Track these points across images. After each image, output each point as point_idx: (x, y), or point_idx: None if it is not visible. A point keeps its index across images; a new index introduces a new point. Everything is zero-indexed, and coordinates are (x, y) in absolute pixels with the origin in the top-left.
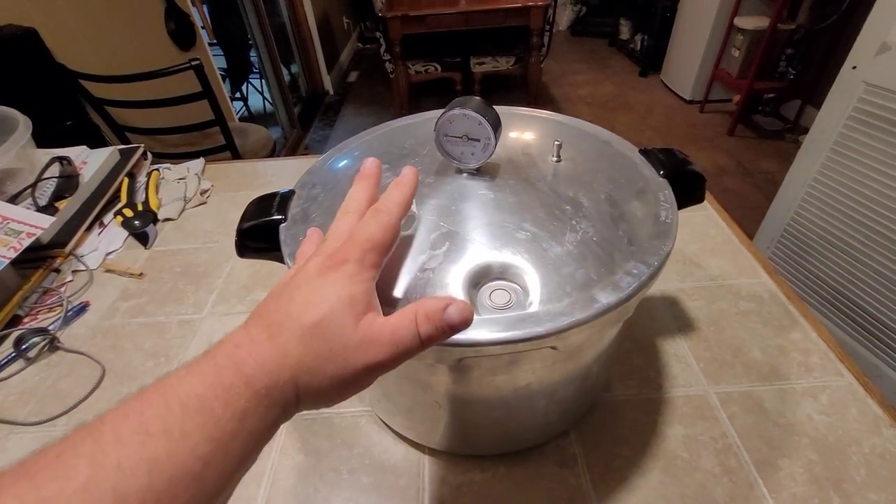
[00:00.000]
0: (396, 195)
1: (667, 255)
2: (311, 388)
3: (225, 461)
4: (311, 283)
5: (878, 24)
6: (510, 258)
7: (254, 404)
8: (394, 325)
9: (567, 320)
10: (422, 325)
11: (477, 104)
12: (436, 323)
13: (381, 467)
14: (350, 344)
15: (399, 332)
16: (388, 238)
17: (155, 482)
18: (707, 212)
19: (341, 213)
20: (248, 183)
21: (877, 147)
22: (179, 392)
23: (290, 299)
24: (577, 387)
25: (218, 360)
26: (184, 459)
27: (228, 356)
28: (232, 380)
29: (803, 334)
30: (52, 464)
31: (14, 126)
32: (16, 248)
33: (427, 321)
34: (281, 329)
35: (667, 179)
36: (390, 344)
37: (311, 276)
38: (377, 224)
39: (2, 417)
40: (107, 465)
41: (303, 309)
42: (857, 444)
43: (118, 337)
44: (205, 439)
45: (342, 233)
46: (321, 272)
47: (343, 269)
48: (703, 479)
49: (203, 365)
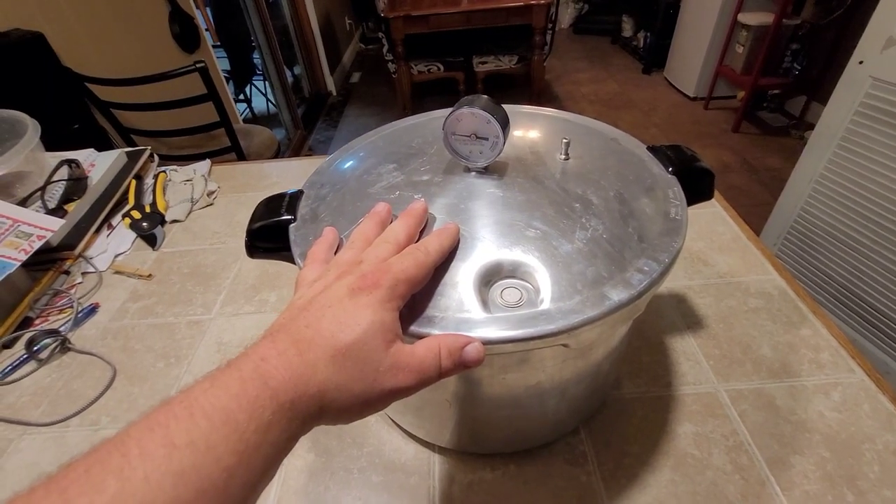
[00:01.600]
0: (437, 243)
1: (677, 251)
2: (335, 405)
3: (249, 472)
4: (343, 304)
5: (884, 19)
6: (521, 256)
7: (278, 417)
8: (421, 356)
9: (579, 318)
10: (444, 359)
11: (485, 102)
12: (455, 360)
13: (392, 466)
14: (381, 368)
15: (425, 362)
16: (421, 276)
17: (181, 494)
18: (714, 209)
19: (379, 241)
20: (253, 184)
21: (884, 142)
22: (204, 404)
23: (320, 317)
24: (588, 384)
25: (243, 373)
26: (209, 471)
27: (254, 369)
28: (257, 392)
29: (813, 331)
30: (81, 478)
31: (23, 130)
32: (26, 251)
33: (449, 357)
34: (310, 346)
35: (675, 176)
36: (417, 372)
37: (342, 296)
38: (414, 260)
39: (15, 418)
40: (134, 478)
41: (336, 328)
42: (871, 441)
43: (128, 338)
44: (230, 451)
45: (378, 259)
46: (353, 293)
47: (375, 293)
48: (714, 477)
49: (228, 377)
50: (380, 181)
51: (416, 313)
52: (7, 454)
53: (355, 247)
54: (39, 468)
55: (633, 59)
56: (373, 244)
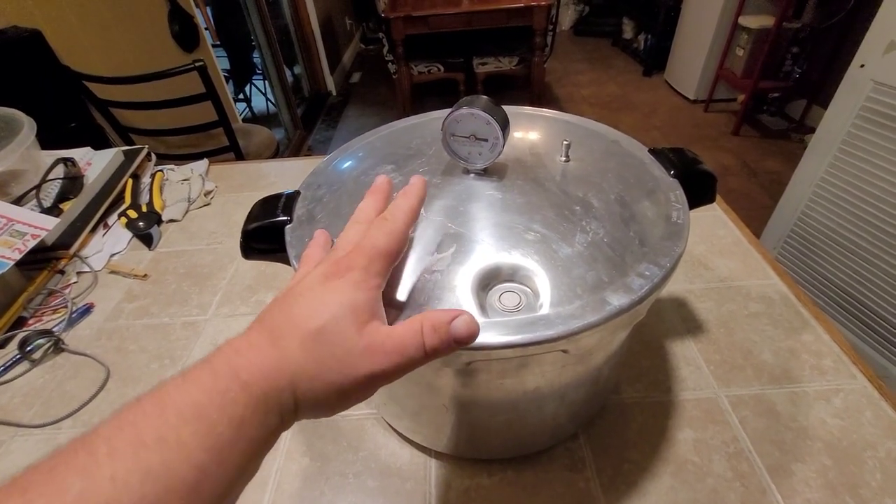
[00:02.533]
0: (403, 204)
1: (679, 256)
2: (310, 395)
3: (222, 469)
4: (314, 290)
5: (885, 23)
6: (520, 260)
7: (251, 411)
8: (399, 335)
9: (578, 323)
10: (427, 336)
11: (485, 103)
12: (441, 335)
13: (388, 471)
14: (353, 351)
15: (404, 342)
16: (394, 246)
17: (148, 493)
18: (715, 212)
19: (350, 224)
20: (251, 184)
21: (885, 146)
22: (176, 399)
23: (292, 305)
24: (587, 390)
25: (215, 367)
26: (179, 468)
27: (226, 362)
28: (228, 385)
29: (815, 336)
30: (44, 478)
31: (19, 127)
32: (20, 250)
33: (433, 333)
34: (282, 334)
35: (677, 179)
36: (395, 353)
37: (314, 284)
38: (382, 232)
39: (7, 419)
40: (99, 477)
41: (305, 315)
42: (873, 449)
43: (123, 338)
44: (201, 447)
45: (349, 242)
46: (325, 279)
47: (348, 276)
48: (714, 485)
49: (200, 371)
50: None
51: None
52: None
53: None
54: None
55: (634, 62)
56: (346, 227)
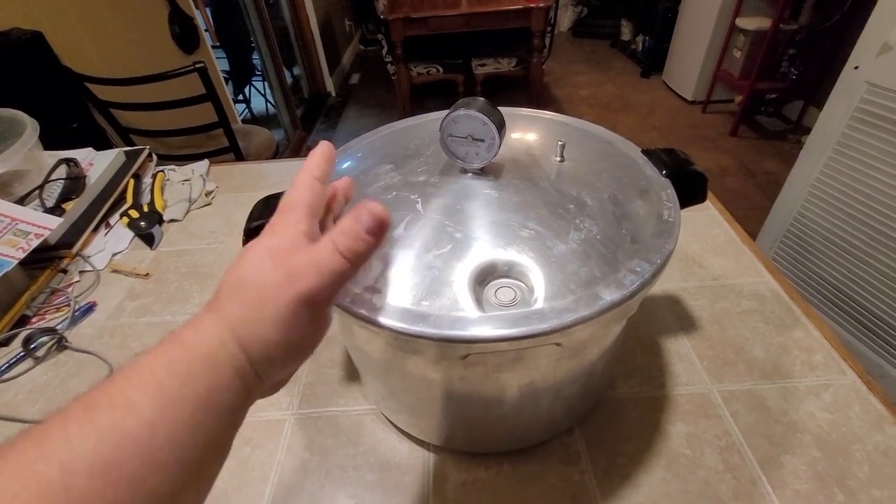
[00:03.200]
0: (307, 161)
1: (670, 253)
2: (253, 338)
3: (176, 427)
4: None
5: (879, 25)
6: (515, 256)
7: (198, 366)
8: (312, 251)
9: (572, 317)
10: (339, 240)
11: (481, 105)
12: (353, 234)
13: (387, 464)
14: (273, 282)
15: (319, 255)
16: (305, 194)
17: (102, 450)
18: (709, 212)
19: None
20: (252, 184)
21: (879, 147)
22: (124, 370)
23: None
24: (582, 384)
25: (163, 341)
26: (129, 426)
27: (172, 336)
28: (173, 350)
29: (806, 333)
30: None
31: (22, 128)
32: (24, 249)
33: (342, 235)
34: (215, 299)
35: (669, 179)
36: (313, 267)
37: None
38: (293, 188)
39: (11, 416)
40: (53, 441)
41: (227, 275)
42: (861, 442)
43: (125, 336)
44: (149, 403)
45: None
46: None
47: (266, 231)
48: (706, 477)
49: (149, 348)
50: (377, 181)
51: (410, 310)
52: None
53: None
54: None
55: (632, 63)
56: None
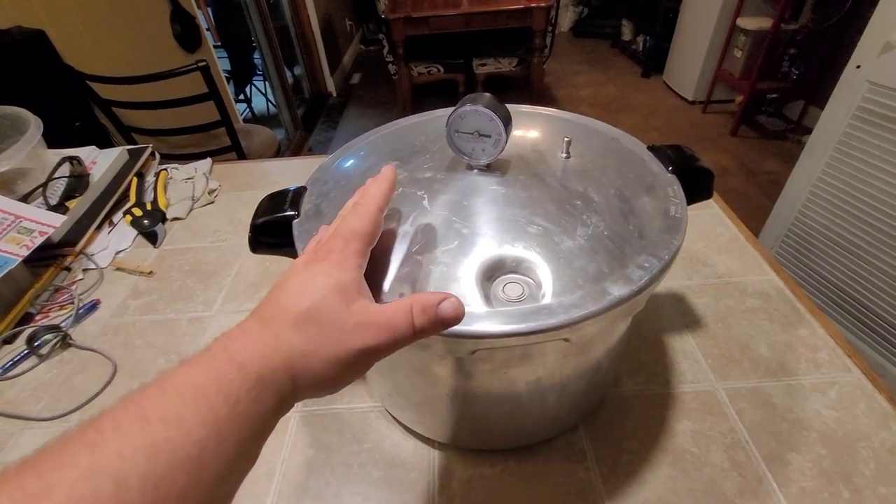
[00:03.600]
0: (373, 189)
1: (677, 248)
2: (307, 372)
3: (221, 445)
4: (298, 276)
5: (881, 24)
6: (523, 252)
7: (246, 388)
8: (390, 313)
9: (580, 312)
10: (417, 316)
11: (488, 100)
12: (430, 316)
13: (392, 462)
14: (345, 327)
15: (395, 319)
16: (368, 226)
17: (153, 466)
18: (713, 210)
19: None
20: (254, 183)
21: (881, 146)
22: (175, 381)
23: (279, 292)
24: (588, 381)
25: (212, 352)
26: (181, 443)
27: (221, 348)
28: (224, 367)
29: (811, 330)
30: (54, 455)
31: (25, 126)
32: (28, 247)
33: (422, 313)
34: (273, 319)
35: (675, 175)
36: (386, 329)
37: (298, 270)
38: (356, 215)
39: (16, 413)
40: (107, 452)
41: (293, 299)
42: (866, 439)
43: (129, 334)
44: (200, 423)
45: (329, 231)
46: (307, 265)
47: (328, 259)
48: (712, 474)
49: (198, 358)
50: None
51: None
52: (7, 449)
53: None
54: None
55: (633, 63)
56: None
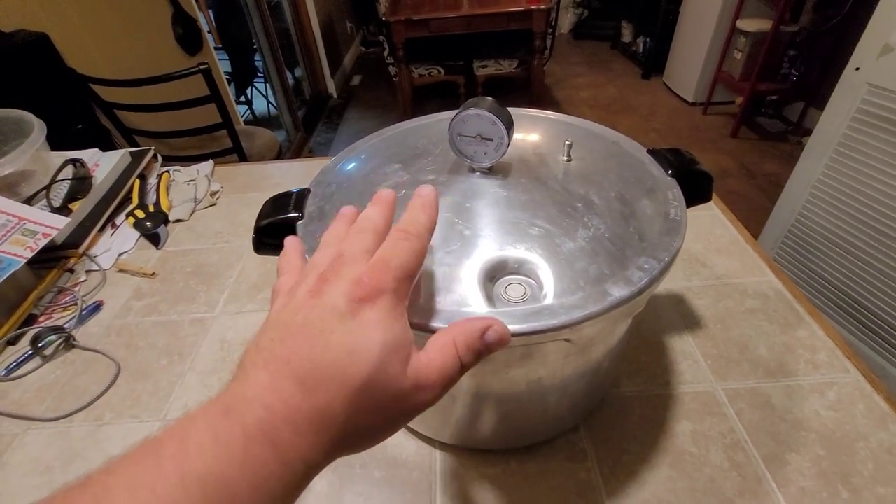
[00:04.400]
0: (425, 219)
1: (677, 250)
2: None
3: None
4: (346, 324)
5: (880, 26)
6: (524, 253)
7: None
8: (440, 364)
9: (581, 313)
10: (464, 355)
11: (490, 104)
12: (476, 350)
13: (393, 462)
14: (401, 394)
15: (446, 368)
16: (418, 266)
17: None
18: (713, 212)
19: (354, 231)
20: (256, 184)
21: (881, 148)
22: (199, 467)
23: (323, 347)
24: (588, 381)
25: (248, 429)
26: None
27: (258, 423)
28: (264, 458)
29: (810, 332)
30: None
31: (29, 129)
32: (32, 249)
33: (468, 350)
34: (318, 386)
35: (675, 178)
36: (441, 384)
37: (342, 313)
38: (409, 250)
39: (20, 413)
40: None
41: (346, 360)
42: (865, 440)
43: (132, 335)
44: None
45: (360, 253)
46: (354, 308)
47: (380, 302)
48: (711, 474)
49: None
50: (385, 180)
51: (423, 305)
52: (12, 449)
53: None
54: (44, 463)
55: (633, 65)
56: (349, 234)
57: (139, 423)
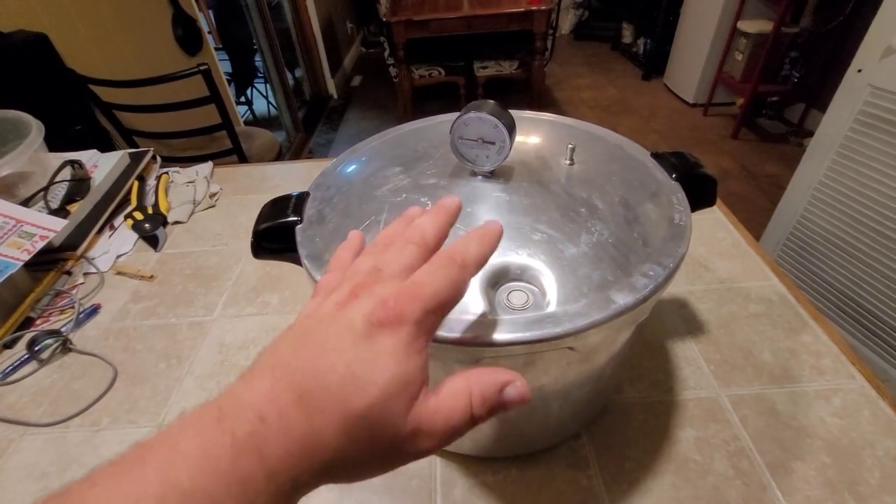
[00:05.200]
0: (477, 250)
1: (682, 256)
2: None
3: None
4: (358, 347)
5: (883, 28)
6: (527, 259)
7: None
8: (447, 411)
9: (585, 321)
10: (477, 408)
11: (492, 107)
12: (491, 405)
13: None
14: (398, 437)
15: (453, 419)
16: (455, 299)
17: None
18: (715, 215)
19: (403, 243)
20: (255, 186)
21: (883, 150)
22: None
23: (330, 366)
24: (591, 388)
25: (236, 437)
26: None
27: (249, 434)
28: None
29: (814, 337)
30: None
31: (27, 130)
32: (29, 251)
33: (483, 405)
34: (317, 406)
35: (679, 182)
36: (444, 435)
37: (357, 333)
38: (449, 279)
39: (16, 418)
40: None
41: (350, 385)
42: (871, 447)
43: (130, 339)
44: None
45: (402, 268)
46: (371, 332)
47: (399, 332)
48: (715, 482)
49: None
50: (386, 184)
51: None
52: (7, 454)
53: (376, 251)
54: (39, 468)
55: (633, 66)
56: (394, 244)
57: (137, 428)
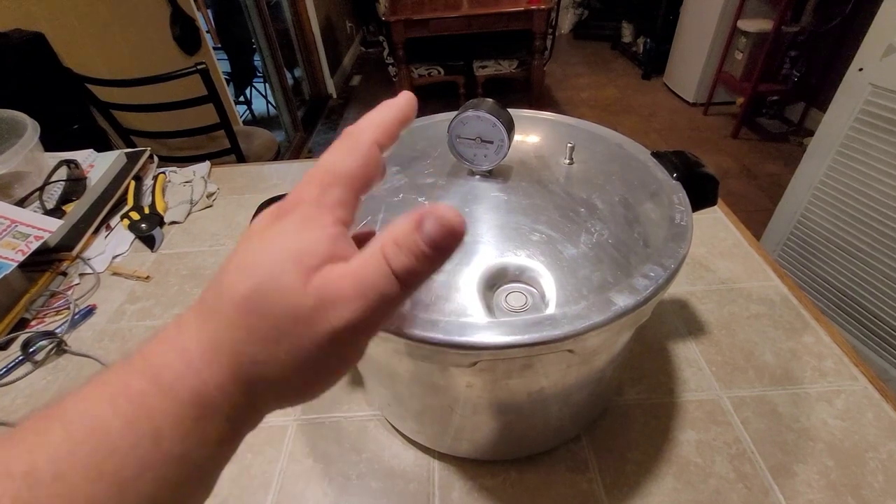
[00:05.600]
0: (373, 114)
1: (683, 257)
2: (265, 381)
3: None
4: (252, 241)
5: (884, 26)
6: (525, 260)
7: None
8: (356, 270)
9: (584, 323)
10: (392, 256)
11: (490, 106)
12: (410, 247)
13: (391, 472)
14: (301, 312)
15: (364, 276)
16: (354, 165)
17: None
18: (716, 215)
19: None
20: (253, 186)
21: (884, 149)
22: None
23: (225, 268)
24: (591, 391)
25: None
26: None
27: (146, 356)
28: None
29: (816, 338)
30: None
31: (22, 129)
32: (23, 252)
33: (396, 249)
34: (213, 309)
35: (680, 182)
36: (357, 296)
37: (254, 232)
38: (340, 150)
39: (9, 421)
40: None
41: (235, 278)
42: (874, 450)
43: (125, 340)
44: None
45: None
46: (268, 224)
47: (295, 213)
48: (717, 485)
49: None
50: (383, 183)
51: (417, 316)
52: None
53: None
54: None
55: (633, 65)
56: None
57: None
